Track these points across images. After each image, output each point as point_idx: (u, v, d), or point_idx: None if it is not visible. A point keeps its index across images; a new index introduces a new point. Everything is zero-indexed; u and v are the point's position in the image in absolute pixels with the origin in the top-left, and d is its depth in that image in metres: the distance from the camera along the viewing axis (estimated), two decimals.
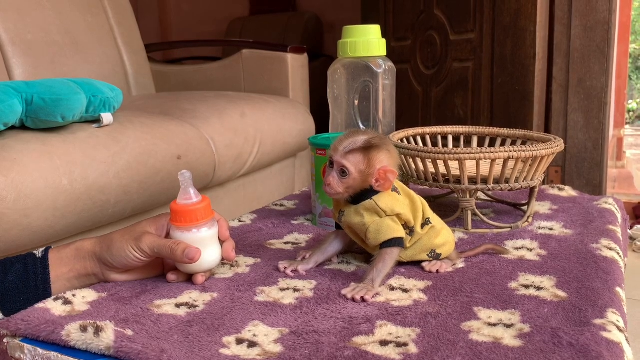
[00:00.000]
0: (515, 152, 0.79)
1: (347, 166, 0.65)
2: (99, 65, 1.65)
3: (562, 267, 0.71)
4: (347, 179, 0.65)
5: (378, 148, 0.65)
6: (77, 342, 0.53)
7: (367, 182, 0.66)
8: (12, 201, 0.87)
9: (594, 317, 0.57)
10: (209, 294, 0.65)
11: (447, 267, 0.71)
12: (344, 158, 0.65)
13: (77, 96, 1.00)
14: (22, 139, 0.96)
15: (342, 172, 0.65)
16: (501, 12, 1.75)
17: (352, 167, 0.65)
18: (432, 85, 2.00)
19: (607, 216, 0.91)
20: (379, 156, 0.65)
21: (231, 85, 1.89)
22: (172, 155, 1.20)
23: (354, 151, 0.65)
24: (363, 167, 0.65)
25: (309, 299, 0.63)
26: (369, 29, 0.99)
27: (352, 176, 0.65)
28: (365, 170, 0.65)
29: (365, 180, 0.66)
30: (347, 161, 0.65)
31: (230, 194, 1.49)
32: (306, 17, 3.05)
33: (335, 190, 0.66)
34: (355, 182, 0.66)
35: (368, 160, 0.65)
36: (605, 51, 1.71)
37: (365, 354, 0.51)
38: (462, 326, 0.56)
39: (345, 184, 0.66)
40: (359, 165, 0.65)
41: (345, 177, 0.65)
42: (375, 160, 0.65)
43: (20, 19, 1.45)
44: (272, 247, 0.81)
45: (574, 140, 1.78)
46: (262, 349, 0.52)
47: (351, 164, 0.65)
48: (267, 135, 1.55)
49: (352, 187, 0.66)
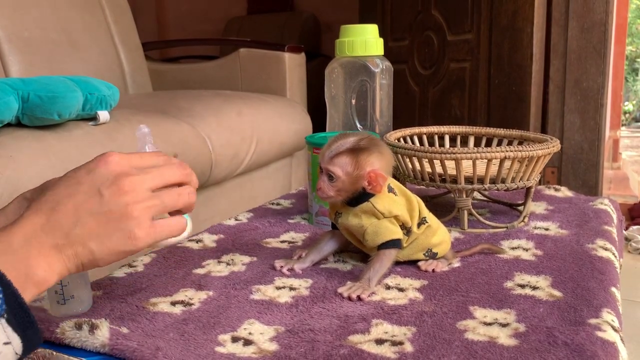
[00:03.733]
0: (511, 152, 0.79)
1: (333, 170, 0.65)
2: (96, 63, 1.64)
3: (558, 267, 0.71)
4: (335, 183, 0.65)
5: (367, 150, 0.65)
6: (72, 339, 0.53)
7: (358, 184, 0.66)
8: (7, 198, 0.87)
9: (589, 316, 0.57)
10: (204, 292, 0.65)
11: (443, 266, 0.71)
12: (329, 163, 0.66)
13: (74, 94, 1.00)
14: (18, 136, 0.96)
15: (330, 177, 0.66)
16: (498, 13, 1.75)
17: (338, 170, 0.65)
18: (429, 86, 2.00)
19: (603, 217, 0.92)
20: (369, 159, 0.65)
21: (228, 84, 1.89)
22: (168, 154, 1.19)
23: (340, 154, 0.65)
24: (350, 170, 0.65)
25: (304, 298, 0.63)
26: (367, 29, 0.99)
27: (340, 179, 0.65)
28: (353, 172, 0.65)
29: (356, 182, 0.65)
30: (333, 165, 0.65)
31: (227, 193, 1.49)
32: (304, 17, 3.05)
33: (326, 194, 0.66)
34: (345, 185, 0.65)
35: (356, 162, 0.65)
36: (601, 52, 1.72)
37: (360, 352, 0.51)
38: (457, 325, 0.56)
39: (335, 187, 0.66)
40: (346, 168, 0.65)
41: (333, 181, 0.66)
42: (364, 163, 0.65)
43: (17, 17, 1.45)
44: (268, 246, 0.81)
45: (570, 141, 1.79)
46: (257, 347, 0.52)
47: (337, 168, 0.65)
48: (264, 134, 1.55)
49: (343, 190, 0.66)
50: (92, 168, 0.49)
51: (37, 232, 0.46)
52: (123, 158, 0.50)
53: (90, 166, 0.50)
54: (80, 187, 0.48)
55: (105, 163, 0.49)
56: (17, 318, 0.42)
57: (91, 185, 0.48)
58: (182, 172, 0.54)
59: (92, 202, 0.48)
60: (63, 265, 0.47)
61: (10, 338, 0.41)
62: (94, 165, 0.49)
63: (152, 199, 0.50)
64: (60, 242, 0.47)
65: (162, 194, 0.51)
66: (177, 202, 0.52)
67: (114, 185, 0.48)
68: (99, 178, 0.49)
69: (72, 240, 0.47)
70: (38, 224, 0.46)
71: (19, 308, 0.42)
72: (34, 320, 0.43)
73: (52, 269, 0.46)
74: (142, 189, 0.49)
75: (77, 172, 0.50)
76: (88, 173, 0.49)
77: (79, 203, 0.48)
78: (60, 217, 0.47)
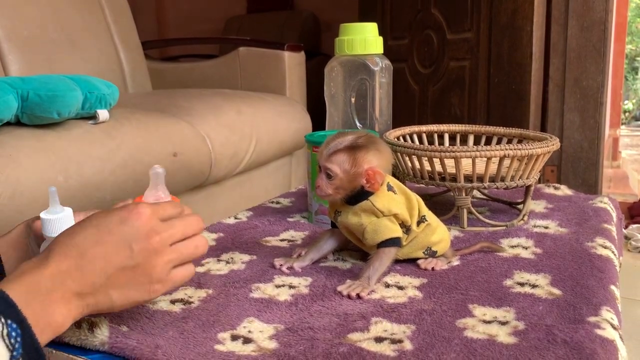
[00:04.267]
0: (511, 151, 0.79)
1: (331, 168, 0.65)
2: (95, 62, 1.64)
3: (557, 265, 0.71)
4: (333, 181, 0.66)
5: (365, 148, 0.65)
6: (72, 338, 0.53)
7: (356, 182, 0.66)
8: (7, 197, 0.87)
9: (589, 314, 0.57)
10: (204, 290, 0.65)
11: (442, 264, 0.71)
12: (327, 161, 0.66)
13: (73, 92, 1.00)
14: (18, 135, 0.96)
15: (328, 175, 0.66)
16: (498, 12, 1.75)
17: (336, 168, 0.65)
18: (428, 84, 2.00)
19: (602, 215, 0.92)
20: (367, 156, 0.65)
21: (228, 83, 1.89)
22: (167, 153, 1.20)
23: (337, 152, 0.66)
24: (348, 167, 0.65)
25: (304, 296, 0.63)
26: (366, 27, 0.99)
27: (337, 177, 0.65)
28: (350, 170, 0.65)
29: (353, 180, 0.66)
30: (331, 163, 0.66)
31: (227, 192, 1.49)
32: (303, 16, 3.05)
33: (324, 192, 0.67)
34: (343, 182, 0.66)
35: (353, 160, 0.65)
36: (601, 51, 1.72)
37: (360, 350, 0.51)
38: (456, 323, 0.56)
39: (333, 185, 0.66)
40: (343, 166, 0.65)
41: (331, 179, 0.66)
42: (362, 160, 0.65)
43: (17, 16, 1.45)
44: (268, 244, 0.81)
45: (569, 140, 1.79)
46: (257, 345, 0.52)
47: (335, 165, 0.65)
48: (264, 133, 1.55)
49: (341, 188, 0.66)
50: (124, 219, 0.50)
51: (63, 276, 0.47)
52: (154, 212, 0.51)
53: (122, 215, 0.50)
54: (111, 238, 0.49)
55: (138, 215, 0.50)
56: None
57: (122, 237, 0.49)
58: (199, 226, 0.55)
59: (122, 256, 0.49)
60: (81, 312, 0.48)
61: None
62: (126, 216, 0.50)
63: (173, 252, 0.52)
64: (85, 291, 0.48)
65: (181, 246, 0.53)
66: (195, 254, 0.54)
67: (145, 242, 0.50)
68: (131, 232, 0.50)
69: (96, 290, 0.48)
70: (66, 268, 0.47)
71: (35, 353, 0.43)
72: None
73: (70, 314, 0.47)
74: (167, 245, 0.51)
75: (108, 219, 0.50)
76: (120, 224, 0.50)
77: (109, 254, 0.49)
78: (89, 266, 0.48)
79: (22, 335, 0.42)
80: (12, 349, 0.41)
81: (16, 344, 0.42)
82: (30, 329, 0.43)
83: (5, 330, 0.41)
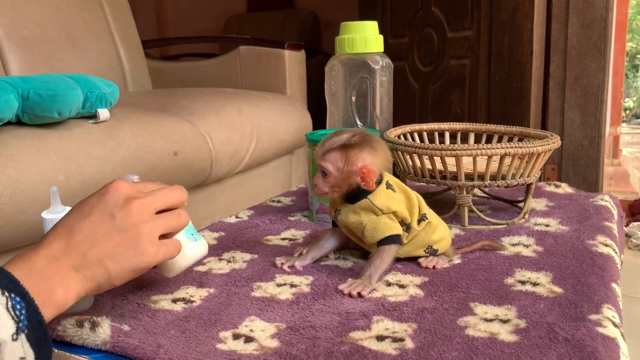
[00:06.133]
0: (511, 149, 0.79)
1: (325, 166, 0.66)
2: (96, 61, 1.64)
3: (558, 263, 0.71)
4: (329, 179, 0.66)
5: (358, 146, 0.66)
6: (74, 337, 0.53)
7: (351, 180, 0.66)
8: (8, 197, 0.87)
9: (590, 312, 0.57)
10: (205, 289, 0.65)
11: (443, 263, 0.71)
12: (322, 159, 0.67)
13: (74, 92, 1.00)
14: (18, 134, 0.96)
15: (324, 173, 0.67)
16: (498, 10, 1.75)
17: (330, 166, 0.66)
18: (429, 83, 2.00)
19: (603, 213, 0.91)
20: (360, 154, 0.65)
21: (228, 81, 1.89)
22: (168, 152, 1.20)
23: (331, 151, 0.66)
24: (341, 165, 0.66)
25: (305, 295, 0.63)
26: (366, 26, 0.99)
27: (332, 175, 0.66)
28: (343, 168, 0.65)
29: (347, 178, 0.66)
30: (325, 161, 0.66)
31: (227, 191, 1.49)
32: (303, 15, 3.04)
33: (321, 191, 0.67)
34: (338, 180, 0.66)
35: (346, 158, 0.65)
36: (602, 49, 1.72)
37: (361, 349, 0.51)
38: (458, 321, 0.56)
39: (329, 183, 0.66)
40: (336, 164, 0.66)
41: (326, 177, 0.66)
42: (354, 158, 0.65)
43: (17, 15, 1.45)
44: (269, 243, 0.81)
45: (570, 138, 1.78)
46: (258, 344, 0.52)
47: (329, 163, 0.66)
48: (264, 132, 1.55)
49: (337, 186, 0.66)
50: (103, 193, 0.53)
51: (56, 254, 0.49)
52: (130, 184, 0.55)
53: (101, 192, 0.54)
54: (93, 211, 0.52)
55: (115, 189, 0.53)
56: (36, 335, 0.44)
57: (103, 208, 0.52)
58: (182, 193, 0.58)
59: (106, 224, 0.51)
60: (81, 287, 0.50)
61: (27, 353, 0.43)
62: (105, 191, 0.53)
63: (158, 219, 0.54)
64: (78, 263, 0.50)
65: (165, 216, 0.55)
66: (179, 223, 0.56)
67: (125, 207, 0.52)
68: (110, 201, 0.53)
69: (89, 261, 0.50)
70: (57, 246, 0.49)
71: (39, 325, 0.44)
72: (50, 339, 0.45)
73: (71, 289, 0.49)
74: (149, 211, 0.53)
75: (90, 198, 0.54)
76: (100, 198, 0.53)
77: (94, 225, 0.51)
78: (77, 239, 0.50)
79: (25, 307, 0.44)
80: (18, 320, 0.43)
81: (21, 316, 0.43)
82: (33, 302, 0.45)
83: (10, 303, 0.43)
